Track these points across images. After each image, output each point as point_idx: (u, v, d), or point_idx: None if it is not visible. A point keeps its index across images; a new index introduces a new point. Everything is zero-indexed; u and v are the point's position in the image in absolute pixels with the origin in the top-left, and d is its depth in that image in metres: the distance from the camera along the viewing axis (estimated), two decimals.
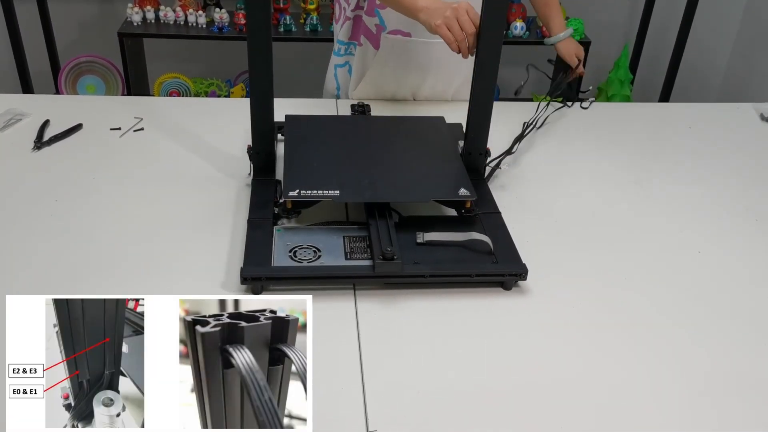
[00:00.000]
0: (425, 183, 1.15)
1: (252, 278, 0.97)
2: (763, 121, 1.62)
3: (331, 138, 1.27)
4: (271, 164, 1.22)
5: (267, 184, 1.19)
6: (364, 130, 1.33)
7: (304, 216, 1.12)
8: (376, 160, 1.19)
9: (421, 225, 1.07)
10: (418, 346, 0.92)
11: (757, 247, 1.16)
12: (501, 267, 1.02)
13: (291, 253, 1.02)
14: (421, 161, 1.21)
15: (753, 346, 0.95)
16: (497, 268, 1.02)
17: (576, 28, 2.79)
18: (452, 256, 1.04)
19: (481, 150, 1.22)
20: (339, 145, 1.25)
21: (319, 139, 1.25)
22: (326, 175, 1.11)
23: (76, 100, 2.17)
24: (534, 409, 0.84)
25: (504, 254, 1.04)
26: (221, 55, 3.00)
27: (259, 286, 0.98)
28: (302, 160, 1.16)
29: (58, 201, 1.18)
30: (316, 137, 1.26)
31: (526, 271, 1.01)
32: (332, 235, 1.06)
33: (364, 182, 1.12)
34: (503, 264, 1.02)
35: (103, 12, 2.87)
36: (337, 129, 1.32)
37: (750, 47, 2.98)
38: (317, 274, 0.99)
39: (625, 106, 2.01)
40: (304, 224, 1.11)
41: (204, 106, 1.57)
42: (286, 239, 1.05)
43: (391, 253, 0.98)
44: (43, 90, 2.82)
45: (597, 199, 1.26)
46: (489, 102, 1.18)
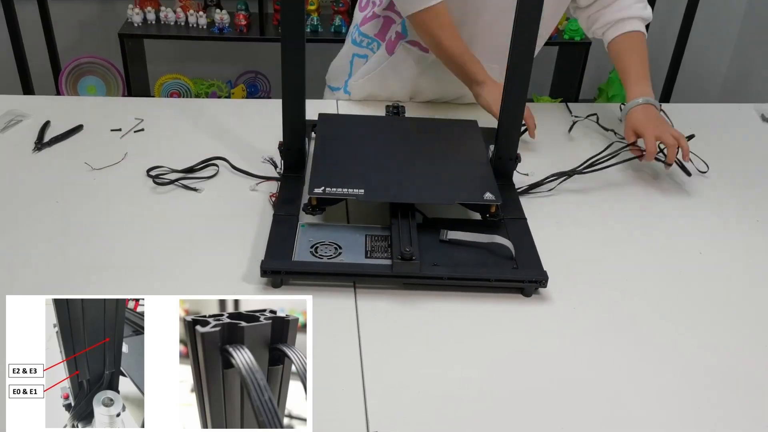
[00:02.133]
0: (451, 185, 1.14)
1: (272, 271, 0.98)
2: (763, 121, 1.62)
3: (361, 137, 1.27)
4: (301, 161, 1.23)
5: (296, 180, 1.20)
6: (395, 131, 1.33)
7: (331, 214, 1.12)
8: (403, 161, 1.19)
9: (444, 227, 1.07)
10: (419, 347, 0.92)
11: (759, 248, 1.16)
12: (521, 273, 1.01)
13: (312, 249, 1.03)
14: (449, 164, 1.20)
15: (756, 348, 0.95)
16: (516, 274, 1.01)
17: (576, 28, 2.78)
18: (473, 260, 1.03)
19: (511, 155, 1.21)
20: (369, 144, 1.25)
21: (350, 138, 1.26)
22: (352, 174, 1.12)
23: (77, 101, 2.17)
24: (538, 414, 0.83)
25: (525, 260, 1.03)
26: (222, 56, 3.00)
27: (279, 279, 0.99)
28: (330, 157, 1.17)
29: (58, 202, 1.18)
30: (347, 136, 1.27)
31: (546, 279, 0.99)
32: (355, 233, 1.07)
33: (390, 182, 1.12)
34: (523, 270, 1.01)
35: (104, 13, 2.87)
36: (369, 128, 1.33)
37: (750, 48, 2.98)
38: (335, 271, 1.00)
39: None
40: (330, 222, 1.11)
41: (204, 107, 1.57)
42: (309, 235, 1.06)
43: (410, 253, 0.97)
44: (43, 91, 2.82)
45: (607, 205, 1.26)
46: (520, 107, 1.17)
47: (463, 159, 1.22)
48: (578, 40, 2.80)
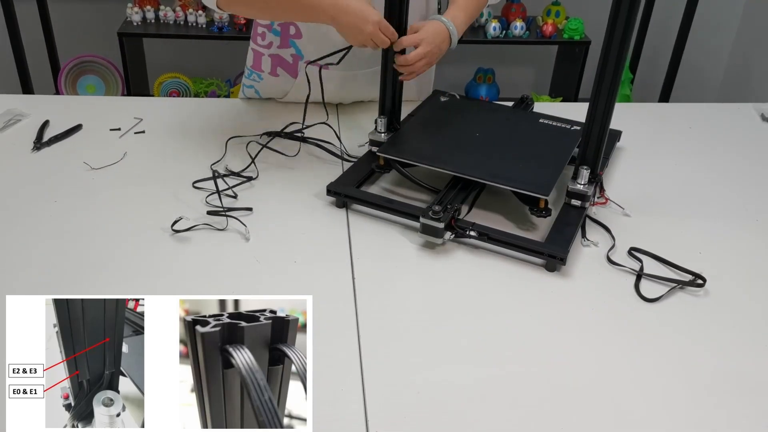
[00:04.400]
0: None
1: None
2: (763, 121, 1.62)
3: (458, 118, 1.35)
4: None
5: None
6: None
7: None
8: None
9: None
10: (418, 346, 0.92)
11: (758, 248, 1.16)
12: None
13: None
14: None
15: (756, 348, 0.95)
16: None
17: (576, 27, 2.79)
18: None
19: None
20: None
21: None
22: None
23: (76, 100, 2.17)
24: (537, 411, 0.83)
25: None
26: (221, 54, 3.00)
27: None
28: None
29: (57, 201, 1.18)
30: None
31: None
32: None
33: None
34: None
35: (103, 12, 2.87)
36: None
37: (750, 47, 2.98)
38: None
39: (624, 106, 2.01)
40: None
41: (204, 106, 1.57)
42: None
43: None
44: (42, 90, 2.82)
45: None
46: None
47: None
48: (578, 40, 2.80)
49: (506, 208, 1.20)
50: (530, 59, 3.14)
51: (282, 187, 1.25)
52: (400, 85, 1.29)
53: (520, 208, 1.18)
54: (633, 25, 1.05)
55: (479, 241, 1.09)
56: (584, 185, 1.14)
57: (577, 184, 1.15)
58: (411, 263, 1.08)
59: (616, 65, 1.08)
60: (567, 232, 1.10)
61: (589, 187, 1.14)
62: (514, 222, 1.17)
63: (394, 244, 1.12)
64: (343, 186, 1.19)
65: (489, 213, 1.19)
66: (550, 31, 2.78)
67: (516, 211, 1.19)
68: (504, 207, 1.20)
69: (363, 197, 1.18)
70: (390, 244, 1.12)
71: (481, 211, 1.19)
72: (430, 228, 1.07)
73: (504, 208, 1.20)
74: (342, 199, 1.19)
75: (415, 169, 1.23)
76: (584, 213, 1.16)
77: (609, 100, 1.10)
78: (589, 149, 1.15)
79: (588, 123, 1.13)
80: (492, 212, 1.20)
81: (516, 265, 1.08)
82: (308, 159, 1.34)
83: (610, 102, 1.10)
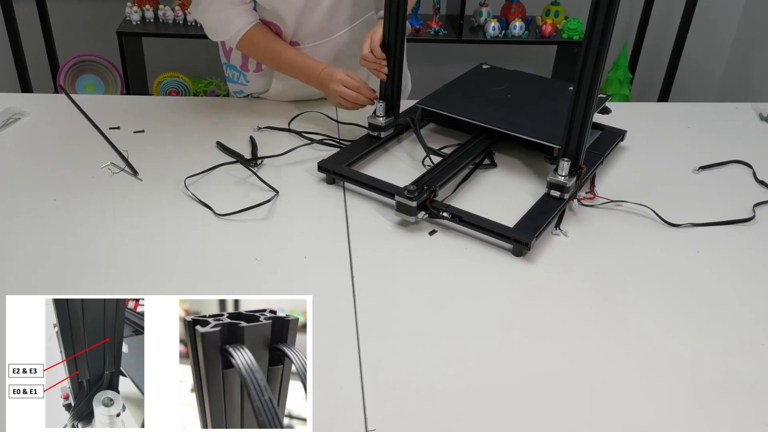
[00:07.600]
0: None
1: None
2: (762, 120, 1.62)
3: (494, 83, 1.49)
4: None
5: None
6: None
7: None
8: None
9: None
10: (417, 346, 0.92)
11: (756, 248, 1.16)
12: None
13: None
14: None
15: (751, 346, 0.95)
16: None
17: (575, 27, 2.79)
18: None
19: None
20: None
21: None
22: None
23: (75, 99, 2.16)
24: (532, 408, 0.84)
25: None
26: (220, 54, 2.99)
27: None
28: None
29: (57, 200, 1.18)
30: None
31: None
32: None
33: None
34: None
35: (102, 11, 2.86)
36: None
37: (749, 47, 2.98)
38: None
39: (624, 105, 2.01)
40: None
41: (203, 105, 1.57)
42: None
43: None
44: (41, 89, 2.81)
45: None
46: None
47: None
48: (577, 39, 2.80)
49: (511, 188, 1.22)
50: (529, 59, 3.14)
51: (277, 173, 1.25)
52: (399, 71, 1.36)
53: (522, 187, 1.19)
54: (613, 15, 1.07)
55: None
56: (564, 177, 1.15)
57: (557, 176, 1.16)
58: (409, 255, 1.08)
59: (597, 54, 1.10)
60: (539, 219, 1.12)
61: (569, 179, 1.15)
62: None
63: (389, 229, 1.14)
64: (333, 164, 1.26)
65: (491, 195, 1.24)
66: (549, 31, 2.78)
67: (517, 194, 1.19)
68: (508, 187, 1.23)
69: (350, 175, 1.24)
70: (385, 230, 1.14)
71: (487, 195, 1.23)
72: (405, 206, 1.12)
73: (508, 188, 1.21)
74: (331, 176, 1.26)
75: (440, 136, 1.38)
76: (563, 204, 1.17)
77: (590, 93, 1.11)
78: (570, 141, 1.16)
79: (570, 115, 1.14)
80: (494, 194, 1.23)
81: (489, 248, 1.11)
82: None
83: (591, 95, 1.11)
